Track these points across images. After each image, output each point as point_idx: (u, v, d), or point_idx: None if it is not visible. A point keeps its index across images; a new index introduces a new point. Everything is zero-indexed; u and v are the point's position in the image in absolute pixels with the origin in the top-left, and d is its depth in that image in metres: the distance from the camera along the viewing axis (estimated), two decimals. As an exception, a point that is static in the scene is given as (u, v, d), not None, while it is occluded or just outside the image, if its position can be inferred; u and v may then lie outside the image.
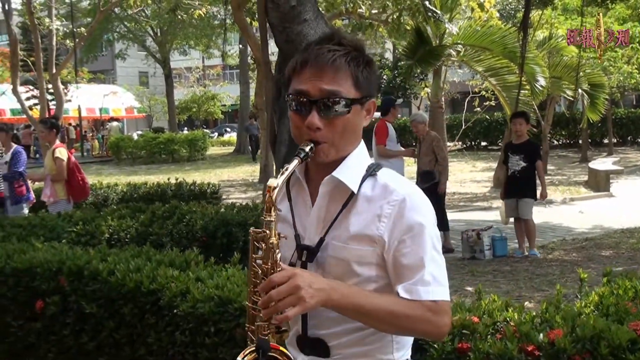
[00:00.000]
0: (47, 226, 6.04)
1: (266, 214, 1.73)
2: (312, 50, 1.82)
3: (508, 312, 2.96)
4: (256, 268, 1.74)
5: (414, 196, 1.81)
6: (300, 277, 1.67)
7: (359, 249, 1.81)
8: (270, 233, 1.72)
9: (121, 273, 3.68)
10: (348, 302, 1.73)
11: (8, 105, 32.72)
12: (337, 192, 1.85)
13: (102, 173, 23.86)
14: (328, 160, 1.82)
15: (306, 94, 1.78)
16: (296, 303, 1.64)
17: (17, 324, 4.16)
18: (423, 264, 1.76)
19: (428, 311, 1.74)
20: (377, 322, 1.77)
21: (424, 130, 9.13)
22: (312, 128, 1.77)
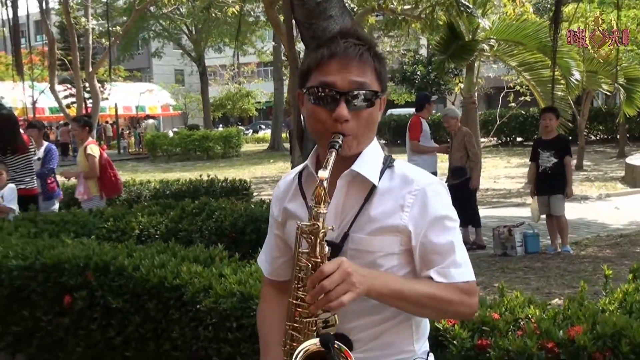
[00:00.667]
0: (79, 222, 6.13)
1: (316, 205, 1.73)
2: (338, 43, 1.83)
3: (530, 308, 2.94)
4: (302, 262, 1.75)
5: (434, 185, 1.87)
6: (348, 263, 1.69)
7: (383, 239, 1.84)
8: (321, 226, 1.73)
9: (146, 268, 3.72)
10: (389, 289, 1.76)
11: (47, 103, 33.24)
12: (356, 186, 1.87)
13: (137, 170, 24.13)
14: (350, 154, 1.84)
15: (333, 85, 1.79)
16: (348, 290, 1.66)
17: (46, 319, 4.23)
18: (453, 248, 1.82)
19: (463, 293, 1.81)
20: (417, 307, 1.81)
21: (456, 125, 9.08)
22: (340, 120, 1.79)
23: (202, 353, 3.48)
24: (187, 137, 29.94)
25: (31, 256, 4.34)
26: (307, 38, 5.29)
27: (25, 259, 4.34)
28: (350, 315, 1.85)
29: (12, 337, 4.52)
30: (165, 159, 29.47)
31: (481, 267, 7.53)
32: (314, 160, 1.96)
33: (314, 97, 1.82)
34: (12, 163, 7.86)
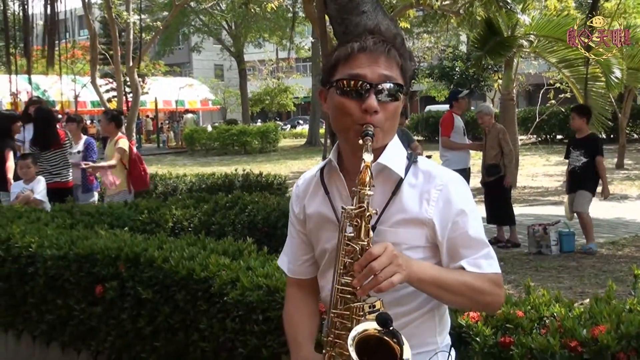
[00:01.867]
0: (114, 214, 6.24)
1: (363, 188, 1.76)
2: (367, 39, 1.87)
3: (555, 307, 2.91)
4: (349, 247, 1.77)
5: (457, 181, 1.93)
6: (392, 247, 1.72)
7: (408, 231, 1.88)
8: (367, 208, 1.76)
9: (175, 260, 3.77)
10: (428, 275, 1.80)
11: (89, 97, 33.71)
12: (381, 179, 1.90)
13: (176, 164, 24.42)
14: (376, 146, 1.85)
15: (364, 77, 1.83)
16: (396, 271, 1.69)
17: (79, 308, 4.32)
18: (481, 241, 1.89)
19: (493, 284, 1.87)
20: (453, 295, 1.85)
21: (490, 122, 9.00)
22: (370, 111, 1.82)
23: (228, 344, 3.52)
24: (225, 131, 30.18)
25: (65, 246, 4.43)
26: (339, 33, 5.30)
27: (60, 249, 4.44)
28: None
29: (46, 325, 4.63)
30: (203, 153, 29.74)
31: (514, 265, 7.48)
32: (336, 155, 1.98)
33: (341, 90, 1.86)
34: (47, 157, 8.03)
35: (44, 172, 7.91)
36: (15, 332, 4.98)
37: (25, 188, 7.19)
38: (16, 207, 6.27)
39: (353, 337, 1.67)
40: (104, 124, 8.30)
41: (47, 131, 8.09)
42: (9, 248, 4.75)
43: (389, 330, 1.66)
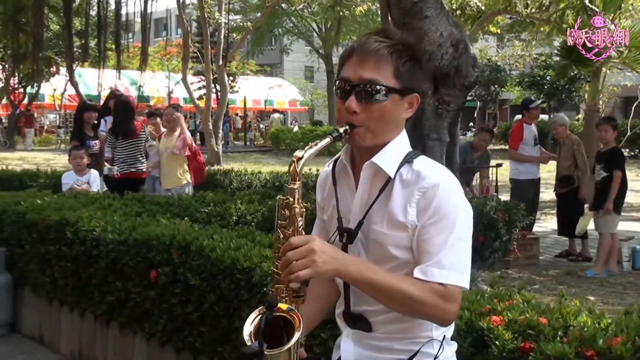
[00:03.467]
0: (182, 205, 6.49)
1: (291, 182, 1.85)
2: (362, 40, 1.94)
3: (582, 317, 2.90)
4: (280, 234, 1.86)
5: (443, 185, 1.88)
6: (316, 242, 1.76)
7: (395, 234, 1.91)
8: (293, 200, 1.84)
9: (221, 250, 3.93)
10: (362, 276, 1.81)
11: (181, 94, 34.66)
12: (377, 177, 1.95)
13: (260, 162, 24.83)
14: (364, 144, 1.92)
15: (348, 80, 1.91)
16: (309, 265, 1.73)
17: (135, 291, 4.55)
18: (441, 249, 1.84)
19: (437, 295, 1.82)
20: (388, 300, 1.85)
21: (564, 133, 8.81)
22: (349, 111, 1.89)
23: (267, 334, 3.65)
24: (310, 132, 30.48)
25: (126, 232, 4.67)
26: (402, 38, 5.36)
27: (121, 234, 4.68)
28: (368, 299, 1.92)
29: (106, 305, 4.90)
30: (288, 152, 30.10)
31: (580, 279, 7.32)
32: (348, 150, 2.07)
33: (336, 91, 1.96)
34: (123, 146, 8.37)
35: (119, 162, 8.28)
36: (80, 311, 5.27)
37: (80, 180, 7.31)
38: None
39: (251, 321, 1.85)
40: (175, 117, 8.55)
41: (125, 121, 8.45)
42: (77, 231, 5.04)
43: (267, 313, 1.78)
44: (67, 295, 5.33)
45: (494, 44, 36.11)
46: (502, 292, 3.28)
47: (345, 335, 2.07)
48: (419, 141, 5.54)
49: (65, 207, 5.59)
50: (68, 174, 7.49)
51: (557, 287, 6.83)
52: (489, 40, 32.57)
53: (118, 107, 8.65)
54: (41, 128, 37.89)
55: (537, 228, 10.05)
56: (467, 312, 2.95)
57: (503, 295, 3.22)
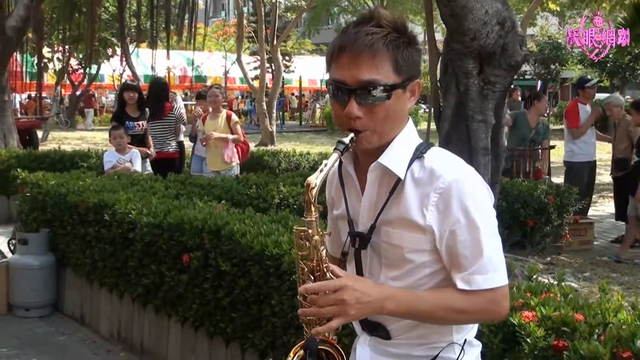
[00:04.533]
0: (224, 187, 6.44)
1: (306, 213, 1.72)
2: (349, 34, 1.75)
3: (621, 313, 2.72)
4: (302, 265, 1.74)
5: (461, 182, 1.75)
6: (350, 291, 1.66)
7: (410, 235, 1.78)
8: (312, 232, 1.71)
9: (251, 236, 3.85)
10: (404, 309, 1.74)
11: (238, 74, 34.70)
12: (385, 178, 1.82)
13: (313, 142, 24.76)
14: (372, 147, 1.78)
15: (343, 83, 1.73)
16: (338, 314, 1.65)
17: (169, 275, 4.52)
18: (479, 252, 1.73)
19: (487, 301, 1.75)
20: (436, 321, 1.79)
21: (620, 114, 8.44)
22: (350, 117, 1.74)
23: (296, 322, 3.56)
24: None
25: (160, 215, 4.64)
26: (445, 16, 5.15)
27: (156, 217, 4.65)
28: None
29: (142, 288, 4.89)
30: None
31: (636, 266, 7.02)
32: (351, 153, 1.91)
33: (330, 93, 1.80)
34: (152, 127, 8.37)
35: None
36: (118, 293, 5.29)
37: (122, 159, 7.32)
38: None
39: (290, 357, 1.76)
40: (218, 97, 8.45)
41: (157, 102, 8.46)
42: (114, 213, 5.04)
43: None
44: (106, 277, 5.35)
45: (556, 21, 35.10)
46: (538, 285, 3.10)
47: (362, 340, 1.96)
48: (462, 123, 5.34)
49: (106, 189, 5.60)
50: (110, 152, 7.49)
51: (609, 274, 6.57)
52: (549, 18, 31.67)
53: (152, 88, 8.66)
54: (101, 108, 38.61)
55: (592, 212, 9.72)
56: (498, 306, 2.80)
57: (538, 288, 3.05)
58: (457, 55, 5.29)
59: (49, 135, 23.04)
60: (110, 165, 7.24)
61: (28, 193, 6.34)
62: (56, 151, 10.26)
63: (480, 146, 5.24)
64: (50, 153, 10.12)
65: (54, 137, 23.96)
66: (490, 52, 5.17)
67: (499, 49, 5.17)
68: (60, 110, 31.15)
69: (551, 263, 6.87)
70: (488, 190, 1.82)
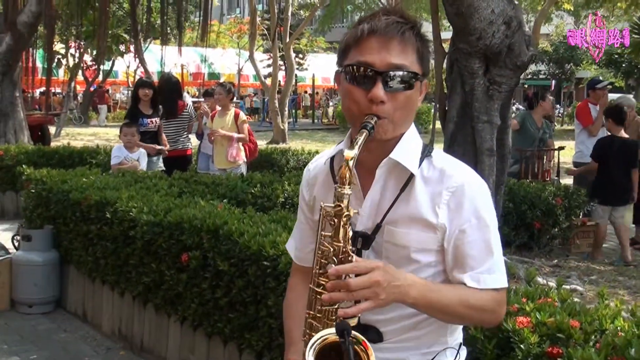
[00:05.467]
0: (229, 186, 6.40)
1: (342, 186, 1.63)
2: (379, 19, 1.74)
3: (618, 320, 2.67)
4: (325, 246, 1.66)
5: (472, 183, 1.77)
6: (383, 272, 1.60)
7: (419, 234, 1.76)
8: (343, 208, 1.63)
9: (249, 235, 3.82)
10: (424, 299, 1.68)
11: (251, 71, 34.75)
12: (394, 175, 1.79)
13: (325, 140, 24.74)
14: (385, 137, 1.74)
15: (371, 65, 1.70)
16: (371, 297, 1.58)
17: (169, 273, 4.49)
18: (489, 253, 1.75)
19: (494, 301, 1.76)
20: (447, 316, 1.75)
21: (630, 115, 8.32)
22: (376, 101, 1.70)
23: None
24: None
25: (161, 214, 4.62)
26: (450, 14, 5.11)
27: (156, 215, 4.63)
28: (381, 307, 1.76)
29: (143, 286, 4.87)
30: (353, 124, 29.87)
31: (641, 271, 6.94)
32: (348, 143, 1.87)
33: (350, 76, 1.73)
34: (166, 125, 8.37)
35: None
36: (119, 291, 5.28)
37: (130, 157, 7.30)
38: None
39: (312, 344, 1.60)
40: (222, 96, 8.45)
41: (170, 100, 8.45)
42: (116, 211, 5.02)
43: (345, 341, 1.55)
44: (108, 275, 5.34)
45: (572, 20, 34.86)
46: (536, 290, 3.06)
47: None
48: (467, 123, 5.30)
49: (108, 187, 5.59)
50: (118, 148, 7.47)
51: (616, 278, 6.48)
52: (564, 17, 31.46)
53: (164, 86, 8.66)
54: (115, 104, 38.77)
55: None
56: (492, 311, 2.75)
57: (536, 293, 3.00)
58: (462, 55, 5.25)
59: (62, 131, 23.14)
60: (117, 160, 7.24)
61: (33, 189, 6.34)
62: (65, 147, 10.30)
63: (486, 147, 5.18)
64: (59, 149, 10.16)
65: (67, 133, 24.08)
66: (496, 52, 5.12)
67: (505, 48, 5.12)
68: (74, 106, 31.30)
69: (558, 265, 6.80)
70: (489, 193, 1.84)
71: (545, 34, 32.40)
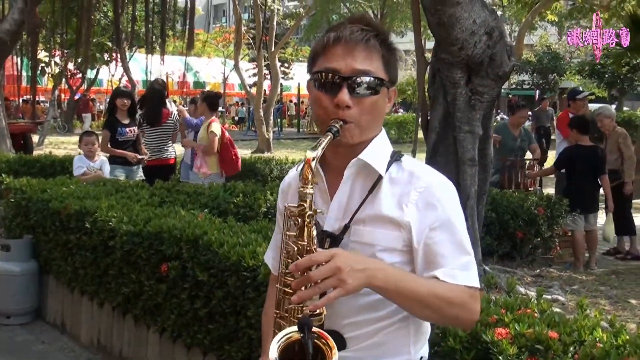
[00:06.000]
0: (211, 195, 6.37)
1: (304, 186, 1.67)
2: (344, 28, 1.78)
3: (597, 331, 2.66)
4: (290, 246, 1.68)
5: (441, 184, 1.79)
6: (342, 257, 1.60)
7: (385, 232, 1.77)
8: (307, 207, 1.66)
9: (229, 246, 3.79)
10: (392, 284, 1.67)
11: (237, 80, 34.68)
12: (362, 176, 1.81)
13: (310, 149, 24.64)
14: (352, 142, 1.78)
15: (337, 71, 1.75)
16: (337, 285, 1.57)
17: (148, 284, 4.45)
18: (461, 251, 1.76)
19: (467, 296, 1.73)
20: (419, 306, 1.71)
21: (610, 125, 8.36)
22: (341, 106, 1.74)
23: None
24: (362, 120, 30.22)
25: (140, 223, 4.58)
26: (432, 24, 5.12)
27: (136, 225, 4.59)
28: (344, 311, 1.79)
29: (122, 297, 4.82)
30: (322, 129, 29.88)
31: (627, 280, 6.94)
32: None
33: (318, 83, 1.78)
34: (150, 134, 8.33)
35: (147, 149, 8.25)
36: (99, 301, 5.22)
37: (92, 166, 7.28)
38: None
39: (277, 341, 1.58)
40: (199, 105, 8.44)
41: (154, 109, 8.40)
42: (95, 221, 4.97)
43: (304, 336, 1.54)
44: (87, 285, 5.29)
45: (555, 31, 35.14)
46: (515, 301, 3.05)
47: None
48: (449, 133, 5.30)
49: (89, 196, 5.54)
50: (80, 158, 7.47)
51: (598, 288, 6.49)
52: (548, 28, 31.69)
53: (148, 95, 8.62)
54: (99, 113, 38.56)
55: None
56: (471, 322, 2.74)
57: (514, 304, 2.99)
58: (444, 65, 5.25)
59: (45, 139, 22.98)
60: (80, 171, 7.26)
61: (12, 199, 6.27)
62: (47, 156, 10.20)
63: (467, 157, 5.19)
64: (40, 158, 10.05)
65: (51, 141, 23.92)
66: (478, 62, 5.13)
67: (486, 59, 5.13)
68: (58, 115, 31.12)
69: (540, 275, 6.80)
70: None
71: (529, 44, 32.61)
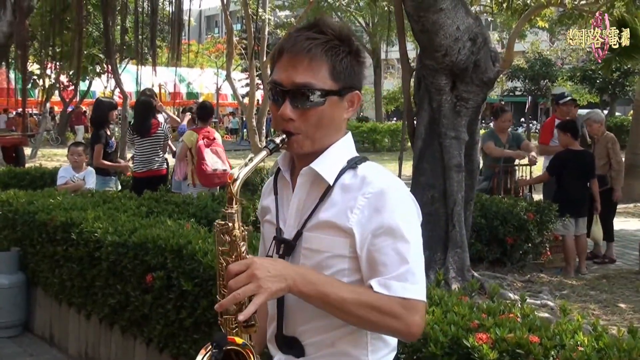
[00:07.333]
0: (199, 205, 6.37)
1: (228, 206, 1.73)
2: (290, 38, 1.78)
3: (578, 335, 2.65)
4: (222, 261, 1.73)
5: (391, 189, 1.75)
6: (257, 264, 1.63)
7: (332, 239, 1.76)
8: (233, 225, 1.71)
9: (212, 255, 3.78)
10: (314, 290, 1.67)
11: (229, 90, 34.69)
12: (315, 184, 1.81)
13: (303, 158, 24.65)
14: (303, 151, 1.79)
15: (280, 84, 1.75)
16: (255, 291, 1.59)
17: (134, 294, 4.43)
18: (400, 261, 1.70)
19: (401, 307, 1.68)
20: (344, 314, 1.70)
21: (599, 130, 8.37)
22: (284, 119, 1.74)
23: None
24: (355, 128, 30.19)
25: (126, 234, 4.56)
26: (416, 31, 5.13)
27: (121, 235, 4.57)
28: (299, 318, 1.80)
29: (109, 308, 4.80)
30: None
31: (615, 284, 6.94)
32: (286, 157, 1.92)
33: (269, 94, 1.80)
34: (140, 145, 8.33)
35: (137, 160, 8.26)
36: (86, 313, 5.20)
37: (76, 177, 7.28)
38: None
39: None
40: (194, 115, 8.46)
41: (143, 120, 8.39)
42: (81, 232, 4.95)
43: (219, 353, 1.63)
44: (74, 297, 5.26)
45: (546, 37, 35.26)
46: (498, 305, 3.04)
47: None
48: (435, 140, 5.30)
49: (75, 207, 5.52)
50: (64, 169, 7.50)
51: (588, 292, 6.49)
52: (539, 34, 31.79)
53: (138, 106, 8.62)
54: (92, 125, 38.52)
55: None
56: (452, 327, 2.74)
57: (497, 308, 2.99)
58: (429, 71, 5.27)
59: (38, 151, 22.93)
60: (63, 181, 7.28)
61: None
62: (37, 168, 10.18)
63: (454, 163, 5.19)
64: (30, 170, 10.03)
65: (44, 153, 23.86)
66: (463, 68, 5.14)
67: (471, 65, 5.15)
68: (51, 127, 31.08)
69: (530, 281, 6.80)
70: (416, 206, 1.80)
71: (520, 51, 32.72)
